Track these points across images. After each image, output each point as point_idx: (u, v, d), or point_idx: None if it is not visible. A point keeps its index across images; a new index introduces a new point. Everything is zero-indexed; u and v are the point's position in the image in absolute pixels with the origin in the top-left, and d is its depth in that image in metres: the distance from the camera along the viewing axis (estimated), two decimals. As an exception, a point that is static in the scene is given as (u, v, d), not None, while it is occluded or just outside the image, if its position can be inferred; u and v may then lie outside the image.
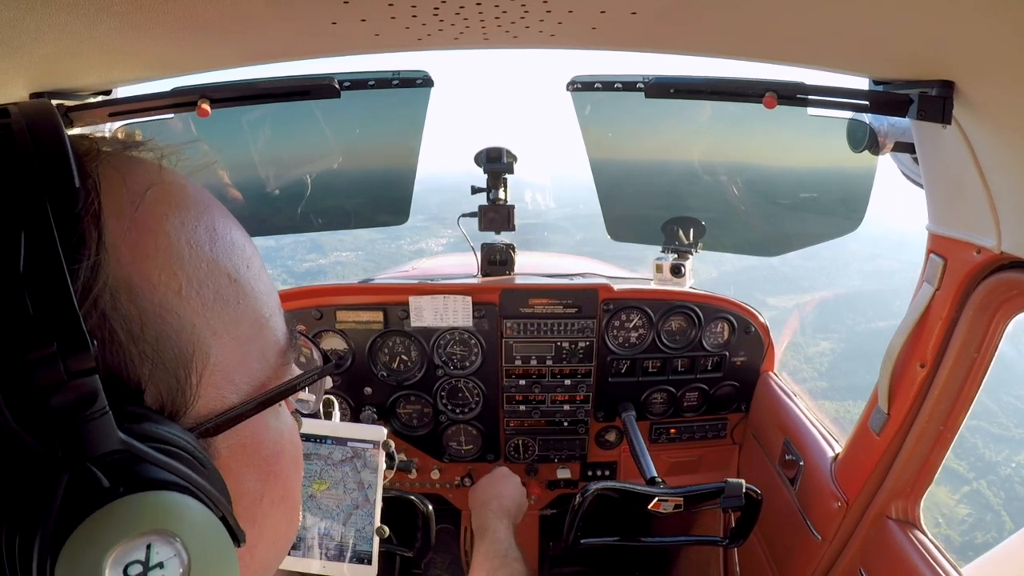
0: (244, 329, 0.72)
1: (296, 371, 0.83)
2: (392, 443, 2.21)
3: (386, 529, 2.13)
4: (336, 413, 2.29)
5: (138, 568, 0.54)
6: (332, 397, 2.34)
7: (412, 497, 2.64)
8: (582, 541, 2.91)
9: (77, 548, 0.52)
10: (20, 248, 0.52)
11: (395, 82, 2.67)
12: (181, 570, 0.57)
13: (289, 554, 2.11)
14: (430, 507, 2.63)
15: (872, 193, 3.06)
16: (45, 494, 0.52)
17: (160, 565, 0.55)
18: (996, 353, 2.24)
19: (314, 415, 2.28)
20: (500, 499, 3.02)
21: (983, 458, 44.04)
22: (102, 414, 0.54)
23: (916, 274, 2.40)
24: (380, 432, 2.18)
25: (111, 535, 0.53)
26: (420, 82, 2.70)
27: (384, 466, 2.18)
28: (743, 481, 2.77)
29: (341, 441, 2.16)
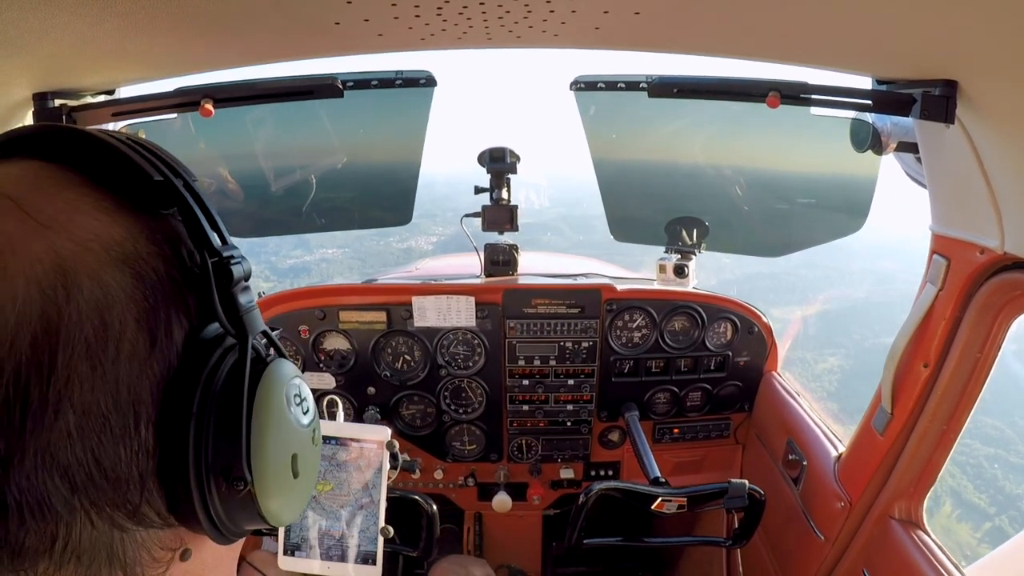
0: None
1: None
2: (396, 443, 2.20)
3: (390, 529, 2.12)
4: (340, 413, 2.28)
5: (298, 399, 0.85)
6: (336, 397, 2.33)
7: (416, 497, 2.63)
8: (585, 541, 2.91)
9: (268, 385, 0.80)
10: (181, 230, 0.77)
11: (398, 82, 2.67)
12: (312, 401, 0.90)
13: (293, 555, 2.12)
14: (434, 507, 2.62)
15: (876, 193, 3.06)
16: (239, 355, 0.78)
17: (306, 399, 0.88)
18: (999, 354, 2.24)
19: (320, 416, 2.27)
20: None
21: (1003, 491, 43.12)
22: (256, 307, 0.82)
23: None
24: (384, 432, 2.16)
25: (282, 379, 0.83)
26: (423, 82, 2.70)
27: (388, 466, 2.17)
28: (746, 482, 2.76)
29: (345, 442, 2.16)
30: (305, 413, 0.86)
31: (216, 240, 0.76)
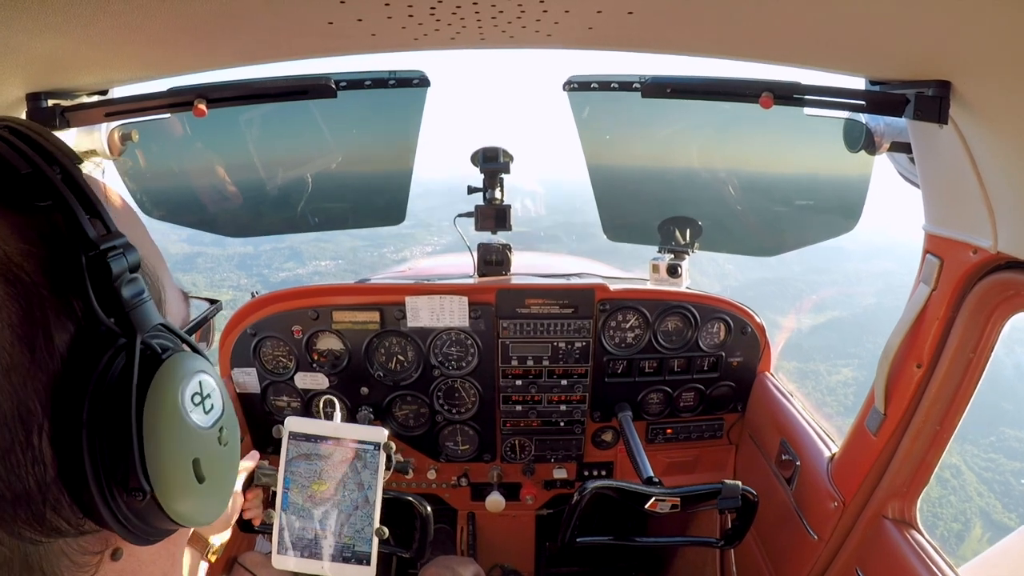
0: (167, 276, 0.94)
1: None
2: (393, 445, 2.20)
3: (385, 530, 2.12)
4: (337, 414, 2.28)
5: (198, 398, 0.80)
6: (334, 398, 2.33)
7: (411, 499, 2.63)
8: (578, 540, 2.91)
9: (159, 388, 0.74)
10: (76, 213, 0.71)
11: (392, 82, 2.66)
12: (221, 397, 0.85)
13: (288, 554, 2.12)
14: (429, 508, 2.62)
15: (869, 193, 3.06)
16: (127, 356, 0.72)
17: (209, 395, 0.82)
18: (992, 353, 2.24)
19: (315, 415, 2.27)
20: None
21: (1032, 507, 43.12)
22: (147, 300, 0.77)
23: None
24: (381, 433, 2.17)
25: (176, 377, 0.77)
26: (417, 82, 2.69)
27: (384, 468, 2.17)
28: (740, 483, 2.77)
29: (342, 442, 2.16)
30: (207, 412, 0.81)
31: (93, 231, 0.71)
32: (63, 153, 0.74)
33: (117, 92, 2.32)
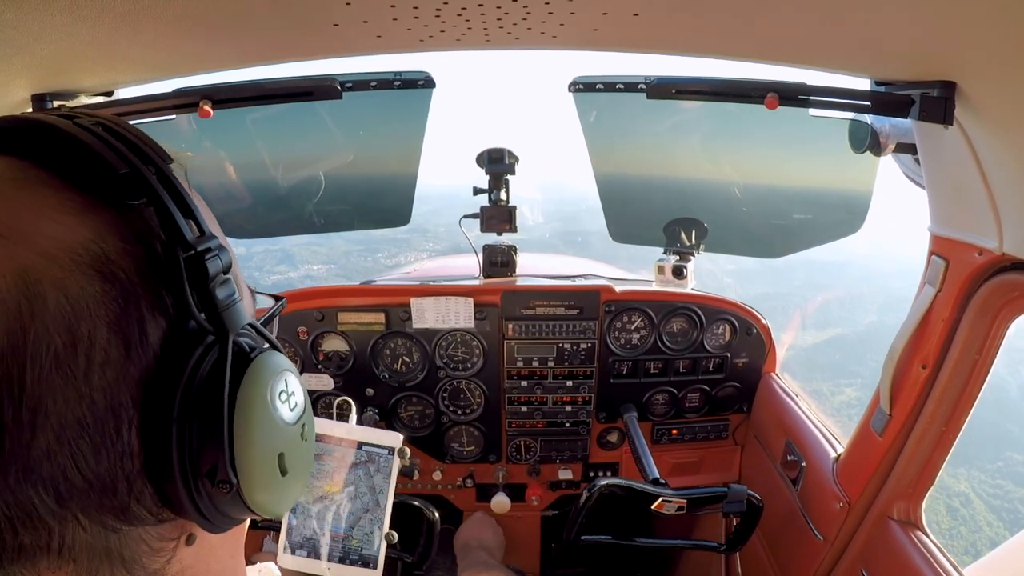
0: (238, 270, 0.92)
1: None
2: (408, 451, 2.19)
3: (395, 535, 2.12)
4: (353, 416, 2.28)
5: (284, 395, 0.82)
6: (350, 400, 2.33)
7: (418, 503, 2.63)
8: (583, 538, 2.91)
9: (250, 385, 0.77)
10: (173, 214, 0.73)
11: (397, 83, 2.66)
12: (303, 396, 0.87)
13: (295, 554, 2.12)
14: (436, 514, 2.62)
15: (874, 194, 3.06)
16: (219, 354, 0.75)
17: (294, 393, 0.85)
18: (998, 355, 2.24)
19: (329, 416, 2.27)
20: (485, 543, 3.39)
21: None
22: (239, 300, 0.79)
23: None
24: (397, 438, 2.16)
25: (265, 375, 0.80)
26: (422, 83, 2.69)
27: (398, 472, 2.17)
28: (746, 487, 2.77)
29: (356, 444, 2.16)
30: (292, 409, 0.84)
31: (190, 232, 0.73)
32: (156, 153, 0.77)
33: (122, 93, 2.32)
